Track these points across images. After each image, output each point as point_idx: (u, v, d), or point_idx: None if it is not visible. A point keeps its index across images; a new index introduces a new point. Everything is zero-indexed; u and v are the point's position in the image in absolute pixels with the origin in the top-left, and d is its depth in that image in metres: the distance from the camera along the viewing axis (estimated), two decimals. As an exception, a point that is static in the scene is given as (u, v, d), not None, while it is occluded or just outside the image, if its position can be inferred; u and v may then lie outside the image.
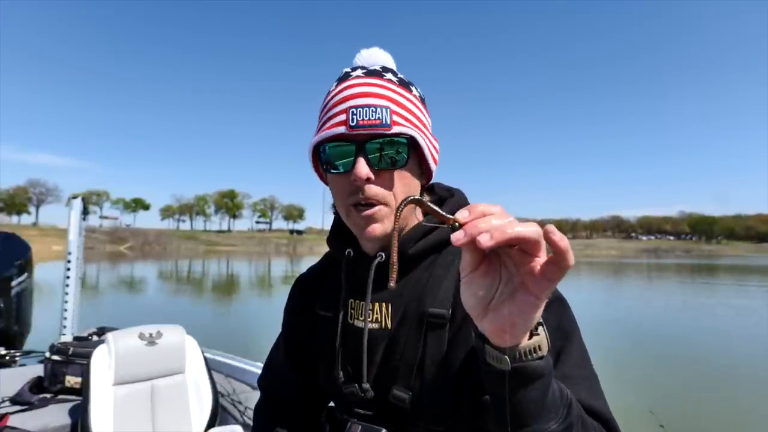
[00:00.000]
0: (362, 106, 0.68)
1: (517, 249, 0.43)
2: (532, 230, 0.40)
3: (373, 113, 0.68)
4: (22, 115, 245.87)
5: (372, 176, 0.69)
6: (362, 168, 0.68)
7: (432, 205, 0.48)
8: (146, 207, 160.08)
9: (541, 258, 0.42)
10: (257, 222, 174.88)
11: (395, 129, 0.69)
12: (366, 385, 0.75)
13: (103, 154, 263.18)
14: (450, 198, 0.83)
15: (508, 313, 0.45)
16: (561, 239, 0.40)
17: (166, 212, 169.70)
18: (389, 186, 0.71)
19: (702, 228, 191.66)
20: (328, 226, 0.92)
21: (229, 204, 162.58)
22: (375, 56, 0.78)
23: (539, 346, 0.47)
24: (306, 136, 0.77)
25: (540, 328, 0.48)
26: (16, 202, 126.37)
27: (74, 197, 3.33)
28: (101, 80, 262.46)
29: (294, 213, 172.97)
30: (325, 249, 0.96)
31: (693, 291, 21.35)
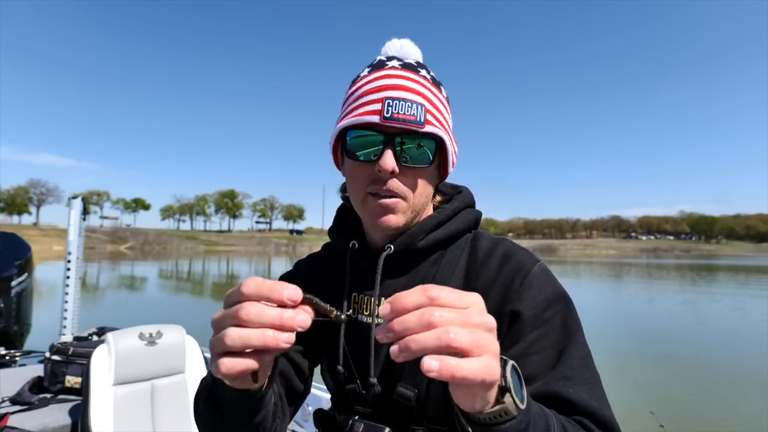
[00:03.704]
0: (398, 99, 0.67)
1: None
2: (449, 340, 0.39)
3: (409, 108, 0.66)
4: (24, 115, 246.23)
5: (397, 170, 0.68)
6: (389, 161, 0.67)
7: (318, 301, 0.47)
8: (147, 207, 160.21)
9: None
10: (257, 222, 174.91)
11: (427, 128, 0.68)
12: (373, 380, 0.72)
13: (104, 154, 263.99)
14: (458, 194, 0.82)
15: (452, 393, 0.44)
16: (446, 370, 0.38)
17: (167, 212, 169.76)
18: (411, 183, 0.71)
19: (702, 228, 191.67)
20: (327, 226, 0.89)
21: (229, 204, 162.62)
22: (406, 48, 0.76)
23: (505, 412, 0.46)
24: (307, 137, 0.76)
25: (506, 396, 0.46)
26: (16, 203, 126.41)
27: (74, 197, 3.33)
28: (102, 80, 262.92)
29: (294, 213, 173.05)
30: None
31: (692, 291, 21.34)
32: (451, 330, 0.39)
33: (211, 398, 0.61)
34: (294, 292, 0.44)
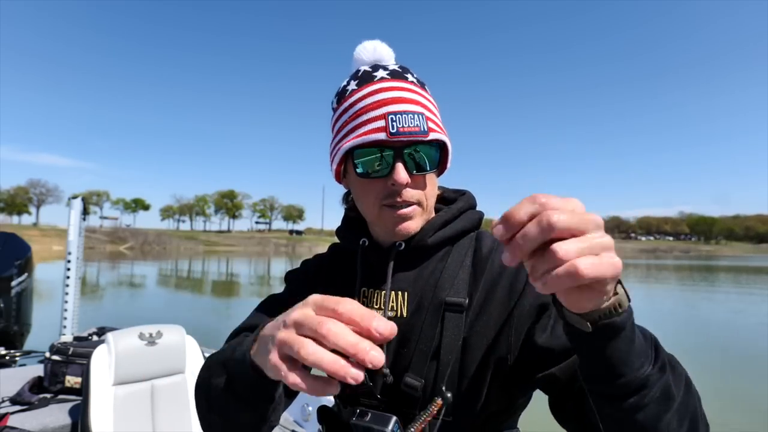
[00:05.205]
0: (400, 113, 0.70)
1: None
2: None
3: (412, 120, 0.70)
4: (24, 115, 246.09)
5: (410, 181, 0.72)
6: (402, 174, 0.70)
7: None
8: (146, 207, 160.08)
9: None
10: (257, 222, 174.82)
11: (431, 135, 0.71)
12: (386, 369, 0.73)
13: (104, 154, 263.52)
14: (462, 196, 0.86)
15: (576, 298, 0.44)
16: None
17: (166, 212, 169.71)
18: (422, 188, 0.75)
19: (701, 228, 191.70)
20: (327, 227, 0.91)
21: (228, 204, 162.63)
22: (379, 50, 0.79)
23: (619, 304, 0.46)
24: (306, 137, 0.78)
25: (618, 287, 0.46)
26: (16, 203, 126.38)
27: (74, 197, 3.33)
28: (102, 80, 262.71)
29: (293, 213, 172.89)
30: (324, 250, 0.95)
31: (692, 291, 21.33)
32: (595, 224, 0.39)
33: (229, 377, 0.60)
34: (384, 324, 0.42)
